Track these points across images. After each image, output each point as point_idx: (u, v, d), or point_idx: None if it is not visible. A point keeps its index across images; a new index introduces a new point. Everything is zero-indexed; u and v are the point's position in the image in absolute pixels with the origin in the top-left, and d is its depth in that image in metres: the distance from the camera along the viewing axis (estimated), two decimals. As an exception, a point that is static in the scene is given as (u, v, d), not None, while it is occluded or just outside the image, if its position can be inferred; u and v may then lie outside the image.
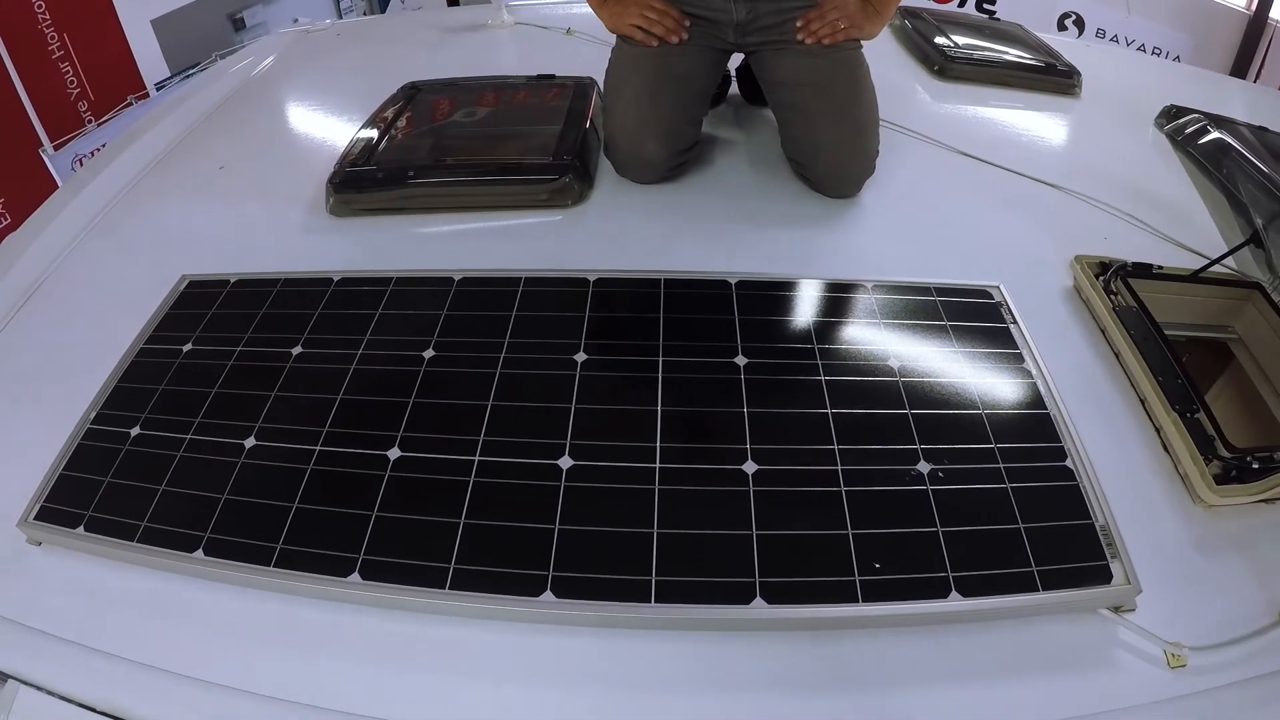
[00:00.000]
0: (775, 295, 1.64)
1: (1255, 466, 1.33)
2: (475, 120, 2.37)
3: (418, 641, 1.20)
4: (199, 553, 1.27)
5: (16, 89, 4.20)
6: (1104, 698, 1.12)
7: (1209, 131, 2.30)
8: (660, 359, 1.50)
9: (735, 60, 2.37)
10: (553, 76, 2.54)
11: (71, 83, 4.49)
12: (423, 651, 1.19)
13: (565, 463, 1.33)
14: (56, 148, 4.26)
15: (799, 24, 2.05)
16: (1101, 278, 1.70)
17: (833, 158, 2.05)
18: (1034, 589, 1.17)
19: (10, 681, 1.19)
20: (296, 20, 3.49)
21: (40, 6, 4.23)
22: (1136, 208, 2.03)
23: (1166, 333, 1.57)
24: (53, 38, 4.33)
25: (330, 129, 2.53)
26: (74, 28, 4.41)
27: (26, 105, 4.25)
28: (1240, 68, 5.10)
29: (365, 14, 6.26)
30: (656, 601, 1.16)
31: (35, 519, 1.36)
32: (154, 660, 1.18)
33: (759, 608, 1.16)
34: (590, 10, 2.20)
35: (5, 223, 4.25)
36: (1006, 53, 2.86)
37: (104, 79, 4.60)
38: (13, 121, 4.22)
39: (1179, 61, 4.95)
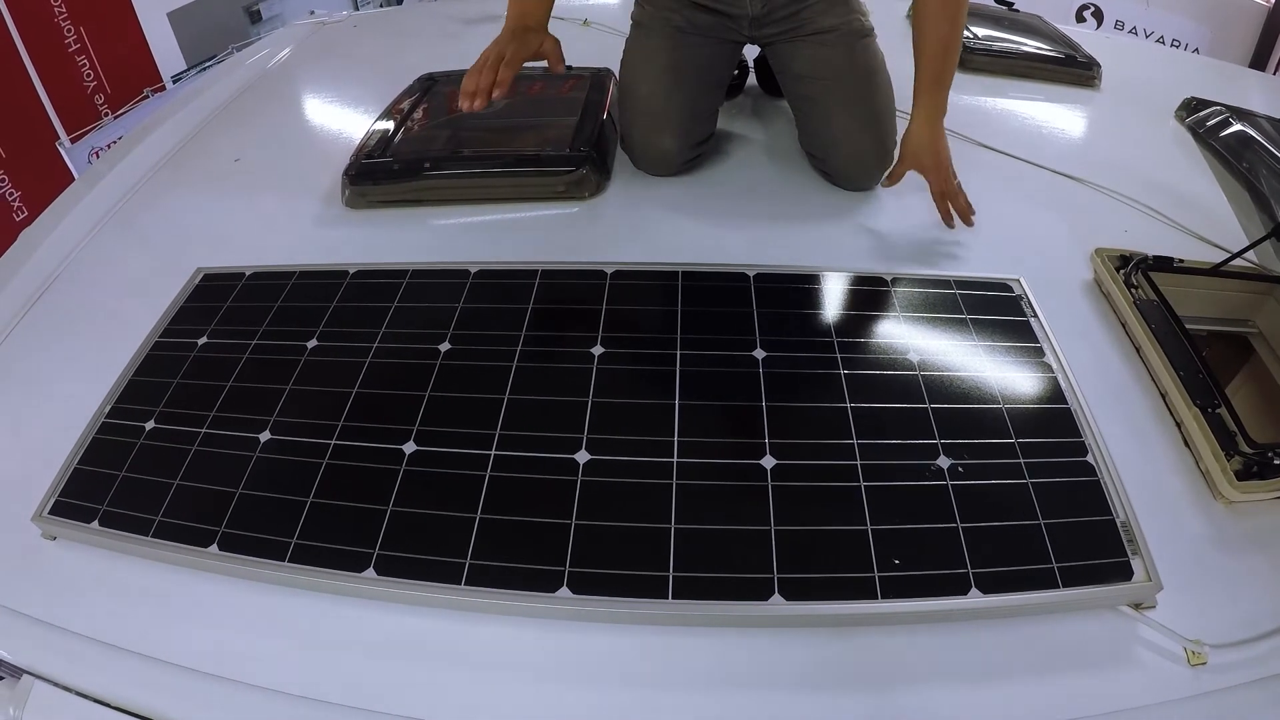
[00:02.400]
0: (794, 288, 1.63)
1: (1277, 463, 1.32)
2: (491, 112, 2.35)
3: (432, 637, 1.20)
4: (213, 548, 1.26)
5: (33, 82, 4.19)
6: (1123, 695, 1.11)
7: (1230, 124, 2.28)
8: (678, 352, 1.49)
9: (754, 51, 2.35)
10: (569, 68, 2.52)
11: (88, 76, 4.49)
12: (437, 647, 1.19)
13: (582, 457, 1.32)
14: (73, 140, 4.26)
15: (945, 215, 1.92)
16: (1122, 271, 1.68)
17: (849, 150, 2.03)
18: (1054, 586, 1.17)
19: (25, 676, 1.19)
20: (313, 12, 3.48)
21: (57, 0, 4.24)
22: (1157, 201, 2.01)
23: (1187, 327, 1.55)
24: (69, 31, 4.33)
25: (346, 121, 2.53)
26: (90, 21, 4.40)
27: (43, 98, 4.25)
28: (1260, 60, 5.06)
29: (382, 6, 6.25)
30: (674, 597, 1.16)
31: (50, 513, 1.36)
32: (168, 655, 1.18)
33: (777, 604, 1.15)
34: (607, 1, 2.18)
35: (23, 216, 4.25)
36: (1026, 44, 2.84)
37: (120, 72, 4.60)
38: (30, 114, 4.22)
39: (1198, 54, 4.91)
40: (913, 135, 1.92)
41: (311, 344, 1.56)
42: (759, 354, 1.48)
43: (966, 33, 2.81)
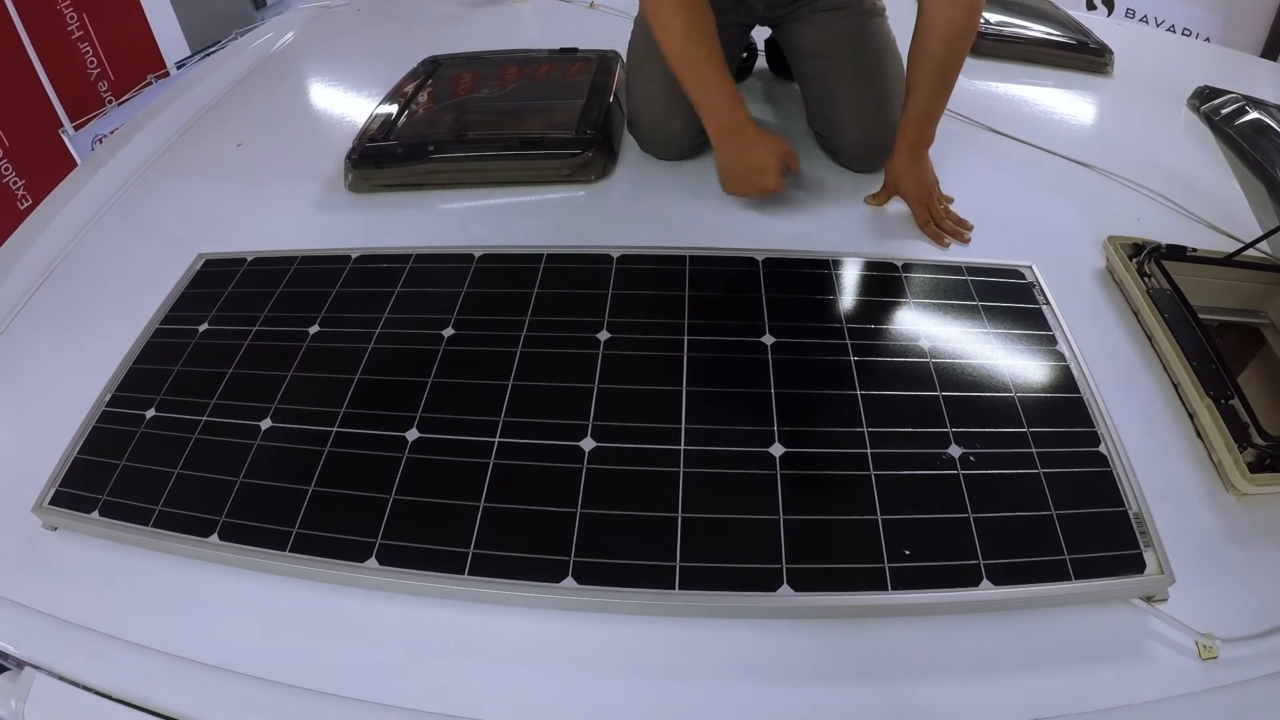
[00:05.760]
0: (804, 273, 1.61)
1: (1290, 455, 1.30)
2: (497, 95, 2.34)
3: (435, 627, 1.19)
4: (214, 537, 1.25)
5: (36, 70, 4.18)
6: (1134, 689, 1.10)
7: (1245, 113, 2.26)
8: (685, 338, 1.47)
9: (764, 33, 2.33)
10: (575, 50, 2.51)
11: (91, 63, 4.47)
12: (441, 638, 1.18)
13: (588, 444, 1.31)
14: (77, 128, 4.24)
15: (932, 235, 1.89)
16: (1135, 259, 1.67)
17: (856, 129, 2.02)
18: (1066, 578, 1.15)
19: (27, 668, 1.19)
20: (317, -4, 3.47)
21: (60, -13, 4.23)
22: (1169, 189, 1.99)
23: (1200, 316, 1.54)
24: (72, 18, 4.32)
25: (350, 105, 2.51)
26: (94, 7, 4.39)
27: (46, 86, 4.24)
28: (1271, 50, 5.03)
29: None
30: (680, 588, 1.14)
31: (50, 504, 1.35)
32: (168, 647, 1.17)
33: (785, 595, 1.13)
34: None
35: (26, 204, 4.24)
36: (1037, 29, 2.82)
37: (124, 58, 4.59)
38: (33, 103, 4.21)
39: (1209, 43, 4.89)
40: (894, 164, 1.91)
41: (313, 330, 1.55)
42: (768, 340, 1.46)
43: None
